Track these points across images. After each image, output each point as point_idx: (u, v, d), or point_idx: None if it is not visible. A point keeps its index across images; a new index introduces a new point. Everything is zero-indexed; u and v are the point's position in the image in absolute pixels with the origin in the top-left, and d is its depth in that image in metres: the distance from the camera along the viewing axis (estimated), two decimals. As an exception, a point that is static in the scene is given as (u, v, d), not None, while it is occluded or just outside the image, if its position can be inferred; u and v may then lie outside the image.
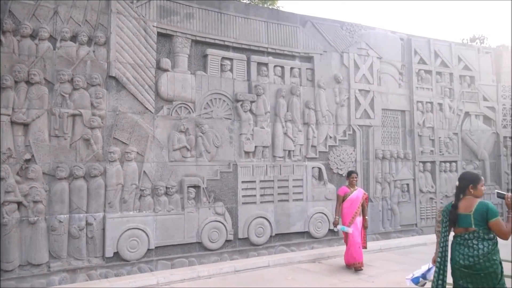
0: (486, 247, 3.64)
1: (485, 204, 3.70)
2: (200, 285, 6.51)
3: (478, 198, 3.79)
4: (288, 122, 8.61)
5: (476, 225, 3.67)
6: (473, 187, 3.80)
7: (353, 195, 7.34)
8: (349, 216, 7.27)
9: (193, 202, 7.52)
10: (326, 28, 9.36)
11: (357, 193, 7.37)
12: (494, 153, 11.79)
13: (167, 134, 7.41)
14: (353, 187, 7.41)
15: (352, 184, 7.40)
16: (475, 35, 22.83)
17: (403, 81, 10.42)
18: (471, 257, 3.66)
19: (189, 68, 7.77)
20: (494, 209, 3.68)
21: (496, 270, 3.63)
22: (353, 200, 7.31)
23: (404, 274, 6.84)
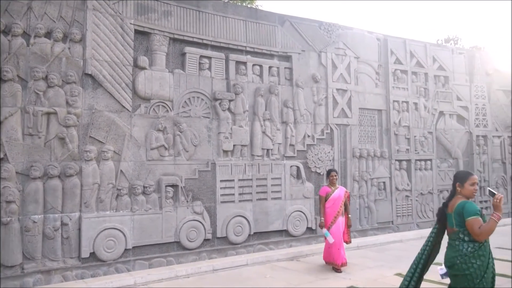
0: (466, 249, 3.56)
1: (462, 203, 3.61)
2: (178, 284, 6.48)
3: (467, 197, 3.68)
4: (267, 121, 8.63)
5: (457, 225, 3.61)
6: (460, 186, 3.69)
7: (335, 194, 7.26)
8: (332, 215, 7.19)
9: (171, 201, 7.47)
10: (304, 27, 9.43)
11: (339, 192, 7.29)
12: (467, 151, 12.09)
13: (145, 132, 7.34)
14: (334, 186, 7.34)
15: (333, 182, 7.34)
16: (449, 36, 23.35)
17: (380, 80, 10.58)
18: (452, 257, 3.64)
19: (167, 66, 7.71)
20: (470, 208, 3.55)
21: (472, 273, 3.52)
22: (335, 200, 7.24)
23: (380, 271, 6.99)
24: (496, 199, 3.50)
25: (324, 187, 7.46)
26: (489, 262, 3.58)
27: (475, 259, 3.54)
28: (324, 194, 7.30)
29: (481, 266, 3.53)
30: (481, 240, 3.53)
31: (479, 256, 3.54)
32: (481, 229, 3.48)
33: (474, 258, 3.54)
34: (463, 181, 3.68)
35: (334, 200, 7.23)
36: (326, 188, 7.37)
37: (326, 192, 7.30)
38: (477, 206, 3.61)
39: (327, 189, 7.33)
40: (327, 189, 7.33)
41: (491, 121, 12.62)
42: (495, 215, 3.49)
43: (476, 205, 3.62)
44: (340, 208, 7.22)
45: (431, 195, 11.11)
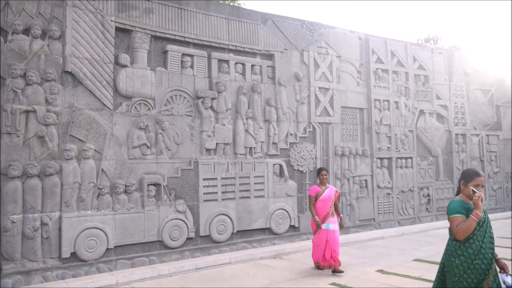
0: (450, 247, 3.60)
1: (451, 202, 3.61)
2: (161, 283, 6.44)
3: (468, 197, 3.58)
4: (249, 119, 8.64)
5: None
6: (464, 184, 3.61)
7: (325, 194, 7.01)
8: (321, 216, 6.94)
9: (153, 200, 7.42)
10: (287, 26, 9.46)
11: (329, 192, 7.05)
12: (446, 149, 12.30)
13: (126, 131, 7.27)
14: (324, 185, 7.09)
15: (323, 182, 7.09)
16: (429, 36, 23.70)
17: (361, 79, 10.68)
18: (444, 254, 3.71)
19: (149, 64, 7.65)
20: (452, 207, 3.55)
21: (451, 271, 3.56)
22: (325, 200, 6.98)
23: (362, 267, 7.07)
24: (475, 197, 3.45)
25: (314, 186, 7.19)
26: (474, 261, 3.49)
27: (454, 258, 3.55)
28: (314, 194, 7.03)
29: (459, 265, 3.51)
30: (460, 239, 3.50)
31: (458, 256, 3.53)
32: (458, 227, 3.47)
33: (453, 256, 3.56)
34: (468, 182, 3.57)
35: (324, 201, 6.98)
36: (316, 188, 7.10)
37: (316, 191, 7.03)
38: (463, 204, 3.54)
39: (317, 188, 7.06)
40: (317, 188, 7.06)
41: (470, 120, 12.87)
42: (474, 213, 3.45)
43: (464, 204, 3.54)
44: (330, 209, 6.96)
45: (411, 193, 11.27)
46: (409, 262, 7.40)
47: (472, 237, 3.51)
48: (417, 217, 11.29)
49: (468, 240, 3.51)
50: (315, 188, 7.10)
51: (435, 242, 9.03)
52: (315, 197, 7.00)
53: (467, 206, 3.54)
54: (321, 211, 6.94)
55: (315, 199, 7.00)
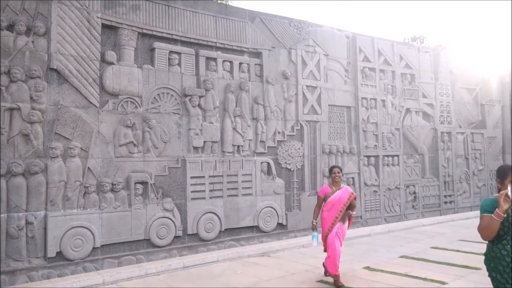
0: (486, 248, 3.37)
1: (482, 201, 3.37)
2: (148, 282, 6.40)
3: None
4: (237, 117, 8.63)
5: None
6: (500, 182, 3.36)
7: (335, 196, 6.05)
8: (329, 221, 6.05)
9: (140, 199, 7.37)
10: (275, 24, 9.46)
11: (341, 194, 6.07)
12: (432, 147, 12.44)
13: (113, 129, 7.20)
14: (337, 186, 6.13)
15: (336, 182, 6.13)
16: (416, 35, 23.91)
17: (349, 78, 10.74)
18: None
19: (136, 62, 7.59)
20: (482, 205, 3.28)
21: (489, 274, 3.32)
22: (334, 203, 6.03)
23: (349, 264, 7.12)
24: (499, 195, 3.16)
25: (325, 186, 6.33)
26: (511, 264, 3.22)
27: (489, 261, 3.35)
28: (322, 195, 6.19)
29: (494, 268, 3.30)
30: (484, 239, 3.28)
31: (492, 258, 3.32)
32: (478, 227, 3.24)
33: (488, 259, 3.36)
34: (503, 179, 3.31)
35: (333, 204, 6.05)
36: (326, 188, 6.24)
37: (325, 192, 6.17)
38: (494, 203, 3.20)
39: (327, 189, 6.20)
40: (327, 189, 6.20)
41: (455, 118, 13.03)
42: (495, 212, 3.15)
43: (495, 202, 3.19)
44: (339, 214, 6.00)
45: (398, 190, 11.38)
46: (395, 259, 7.47)
47: (505, 237, 3.23)
48: (404, 214, 11.41)
49: (501, 241, 3.25)
50: (325, 189, 6.24)
51: (421, 239, 9.13)
52: (324, 198, 6.15)
53: None
54: (328, 216, 6.06)
55: (323, 200, 6.16)
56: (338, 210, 6.01)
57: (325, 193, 6.17)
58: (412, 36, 23.86)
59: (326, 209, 6.10)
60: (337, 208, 6.01)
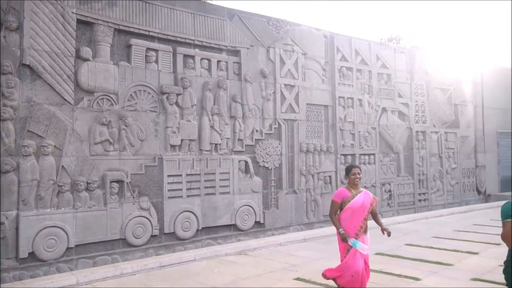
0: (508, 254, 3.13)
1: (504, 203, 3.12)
2: (123, 282, 6.32)
3: None
4: (215, 115, 8.59)
5: None
6: None
7: (357, 201, 4.94)
8: (351, 232, 4.89)
9: (116, 198, 7.27)
10: (253, 22, 9.45)
11: (363, 198, 4.97)
12: (407, 146, 12.66)
13: (88, 126, 7.07)
14: (356, 189, 5.06)
15: (355, 184, 5.06)
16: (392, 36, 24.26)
17: (326, 77, 10.82)
18: None
19: (112, 58, 7.47)
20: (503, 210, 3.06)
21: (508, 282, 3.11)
22: (356, 209, 4.91)
23: (326, 262, 7.17)
24: None
25: (341, 189, 5.15)
26: None
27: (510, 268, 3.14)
28: (339, 200, 5.00)
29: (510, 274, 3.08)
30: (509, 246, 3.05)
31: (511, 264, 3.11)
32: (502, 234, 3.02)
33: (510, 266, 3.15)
34: None
35: (354, 210, 4.91)
36: (343, 191, 5.06)
37: (343, 197, 4.99)
38: None
39: (345, 192, 5.04)
40: (345, 192, 5.04)
41: (429, 118, 13.29)
42: None
43: None
44: (364, 222, 4.91)
45: (374, 188, 11.54)
46: (371, 256, 7.49)
47: None
48: (379, 212, 11.57)
49: None
50: (342, 192, 5.06)
51: (396, 236, 9.28)
52: (341, 204, 5.00)
53: None
54: (349, 224, 4.91)
55: (341, 206, 5.00)
56: (362, 219, 4.88)
57: (343, 197, 4.97)
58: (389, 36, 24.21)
59: (346, 216, 4.91)
60: (360, 216, 4.88)
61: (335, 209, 5.04)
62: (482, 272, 6.28)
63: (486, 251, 7.75)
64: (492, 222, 10.60)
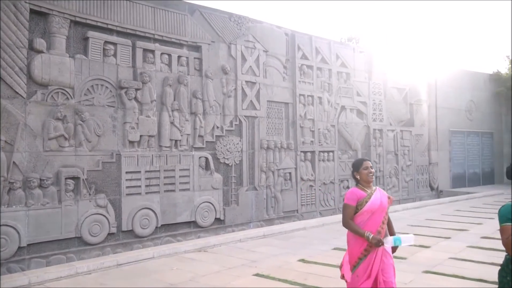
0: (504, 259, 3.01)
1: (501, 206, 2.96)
2: (78, 282, 6.15)
3: None
4: (175, 111, 8.49)
5: None
6: None
7: (375, 201, 3.97)
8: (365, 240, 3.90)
9: (71, 195, 7.05)
10: (215, 18, 9.39)
11: (379, 197, 4.02)
12: (365, 143, 12.99)
13: (42, 121, 6.82)
14: (369, 188, 4.07)
15: (368, 181, 4.06)
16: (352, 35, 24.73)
17: (287, 74, 10.92)
18: None
19: (68, 51, 7.22)
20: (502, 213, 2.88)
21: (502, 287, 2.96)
22: (374, 211, 3.95)
23: (285, 257, 7.27)
24: None
25: (354, 189, 4.08)
26: None
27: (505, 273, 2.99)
28: (353, 202, 3.96)
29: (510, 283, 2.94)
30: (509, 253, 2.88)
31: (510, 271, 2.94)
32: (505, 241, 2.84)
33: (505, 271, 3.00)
34: None
35: (372, 212, 3.96)
36: (357, 192, 4.02)
37: (358, 198, 3.98)
38: None
39: (360, 192, 4.01)
40: (360, 192, 4.01)
41: (386, 116, 13.69)
42: None
43: None
44: (383, 226, 3.98)
45: (332, 185, 11.77)
46: (329, 251, 7.74)
47: None
48: (338, 208, 11.82)
49: None
50: (356, 192, 4.02)
51: (353, 232, 9.51)
52: (356, 207, 3.97)
53: None
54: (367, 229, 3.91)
55: (356, 210, 3.97)
56: (380, 222, 3.97)
57: (358, 198, 4.00)
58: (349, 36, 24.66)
59: (363, 220, 3.97)
60: (378, 220, 3.98)
61: (350, 215, 3.99)
62: (433, 265, 6.54)
63: (437, 244, 8.08)
64: (444, 217, 11.06)
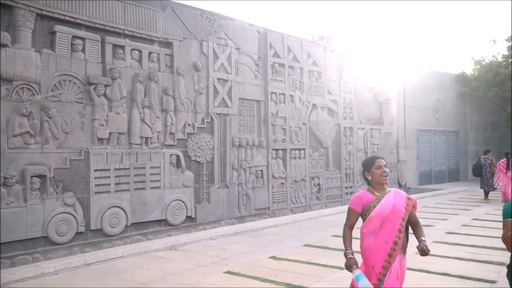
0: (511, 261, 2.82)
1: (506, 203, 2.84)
2: (44, 282, 6.00)
3: None
4: (146, 108, 8.38)
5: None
6: None
7: (385, 205, 3.33)
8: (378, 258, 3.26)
9: (37, 193, 6.87)
10: (186, 14, 9.31)
11: (393, 200, 3.36)
12: (336, 141, 13.17)
13: (6, 117, 6.61)
14: (382, 190, 3.43)
15: (381, 183, 3.42)
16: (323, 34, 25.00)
17: (259, 72, 10.94)
18: None
19: (34, 45, 7.02)
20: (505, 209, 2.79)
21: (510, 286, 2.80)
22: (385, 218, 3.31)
23: (256, 255, 7.30)
24: None
25: (362, 192, 3.47)
26: None
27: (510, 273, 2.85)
28: (359, 207, 3.40)
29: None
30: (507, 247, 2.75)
31: None
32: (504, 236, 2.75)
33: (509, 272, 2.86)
34: None
35: (382, 219, 3.32)
36: (364, 195, 3.44)
37: (365, 203, 3.40)
38: None
39: (367, 196, 3.43)
40: (367, 196, 3.43)
41: (356, 115, 13.91)
42: None
43: None
44: (399, 236, 3.29)
45: (304, 182, 11.89)
46: (299, 248, 7.82)
47: None
48: (308, 205, 11.96)
49: None
50: (363, 196, 3.44)
51: (324, 228, 9.65)
52: (363, 213, 3.41)
53: None
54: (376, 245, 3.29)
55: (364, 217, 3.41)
56: (395, 230, 3.30)
57: (365, 203, 3.39)
58: (320, 35, 24.91)
59: (370, 230, 3.35)
60: (394, 226, 3.31)
61: (351, 221, 3.42)
62: (400, 260, 6.70)
63: (404, 240, 8.28)
64: (411, 213, 11.34)
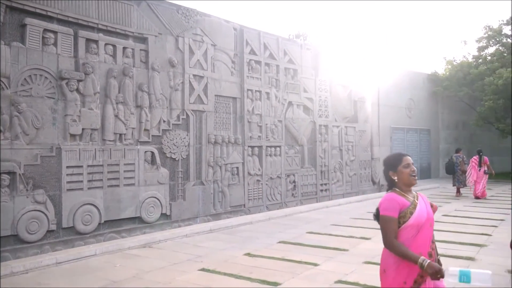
0: None
1: None
2: (14, 282, 5.85)
3: None
4: (120, 104, 8.26)
5: None
6: None
7: (420, 212, 2.97)
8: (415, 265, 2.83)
9: (6, 191, 6.69)
10: (162, 10, 9.21)
11: (426, 206, 3.04)
12: (311, 139, 13.28)
13: (-27, 112, 6.41)
14: (410, 192, 3.08)
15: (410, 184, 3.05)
16: (300, 32, 25.15)
17: (235, 69, 10.92)
18: None
19: (3, 38, 6.81)
20: None
21: None
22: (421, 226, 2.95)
23: (231, 252, 7.30)
24: None
25: (393, 195, 3.03)
26: None
27: None
28: (396, 214, 2.94)
29: None
30: None
31: None
32: None
33: None
34: None
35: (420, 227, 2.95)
36: (397, 198, 3.00)
37: (401, 207, 2.96)
38: None
39: (401, 200, 2.99)
40: (401, 200, 2.99)
41: (332, 112, 14.06)
42: None
43: None
44: (433, 246, 3.01)
45: (279, 179, 11.95)
46: (274, 245, 7.87)
47: None
48: (284, 202, 12.03)
49: None
50: (397, 199, 2.99)
51: (299, 225, 9.73)
52: (398, 219, 2.95)
53: None
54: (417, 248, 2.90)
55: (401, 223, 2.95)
56: (429, 240, 2.98)
57: (401, 208, 2.96)
58: (296, 33, 25.06)
59: (405, 239, 2.92)
60: (428, 236, 2.97)
61: (394, 230, 2.92)
62: (373, 256, 6.82)
63: (377, 236, 8.40)
64: (384, 210, 11.55)
